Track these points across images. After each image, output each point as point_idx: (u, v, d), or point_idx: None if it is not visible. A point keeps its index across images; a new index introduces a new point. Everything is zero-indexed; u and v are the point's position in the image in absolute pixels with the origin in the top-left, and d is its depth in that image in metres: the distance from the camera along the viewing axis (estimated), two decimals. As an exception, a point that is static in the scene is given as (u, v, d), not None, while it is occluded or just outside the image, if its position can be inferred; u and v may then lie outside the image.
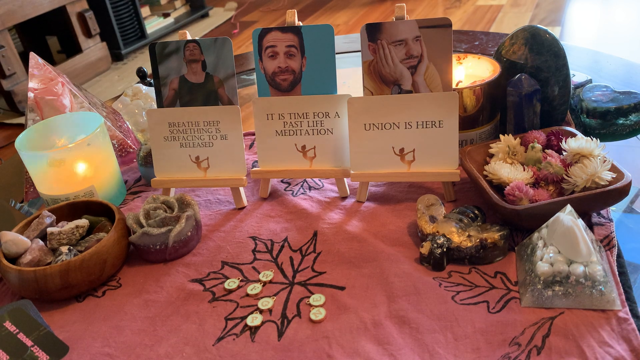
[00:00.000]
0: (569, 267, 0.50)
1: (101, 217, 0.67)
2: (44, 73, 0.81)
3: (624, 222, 0.62)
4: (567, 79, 0.72)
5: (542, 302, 0.51)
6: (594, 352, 0.46)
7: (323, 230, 0.66)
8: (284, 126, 0.70)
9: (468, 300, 0.54)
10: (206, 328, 0.55)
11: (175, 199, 0.66)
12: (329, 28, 0.67)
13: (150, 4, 3.32)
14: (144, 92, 0.93)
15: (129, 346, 0.54)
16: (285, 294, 0.58)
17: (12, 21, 2.41)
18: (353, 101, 0.67)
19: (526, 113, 0.69)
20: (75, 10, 2.72)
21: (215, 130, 0.71)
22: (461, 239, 0.57)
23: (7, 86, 2.40)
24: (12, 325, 0.54)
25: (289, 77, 0.69)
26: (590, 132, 0.75)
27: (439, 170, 0.67)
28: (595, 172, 0.58)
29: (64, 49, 2.89)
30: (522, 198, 0.59)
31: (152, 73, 0.73)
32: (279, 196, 0.74)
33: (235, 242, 0.66)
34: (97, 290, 0.62)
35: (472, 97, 0.71)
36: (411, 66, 0.66)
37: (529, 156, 0.65)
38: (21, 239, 0.61)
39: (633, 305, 0.50)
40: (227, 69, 0.70)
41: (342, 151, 0.70)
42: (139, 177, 0.83)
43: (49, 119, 0.78)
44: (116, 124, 0.85)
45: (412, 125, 0.66)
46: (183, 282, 0.61)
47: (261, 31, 0.69)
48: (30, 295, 0.59)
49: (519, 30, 0.73)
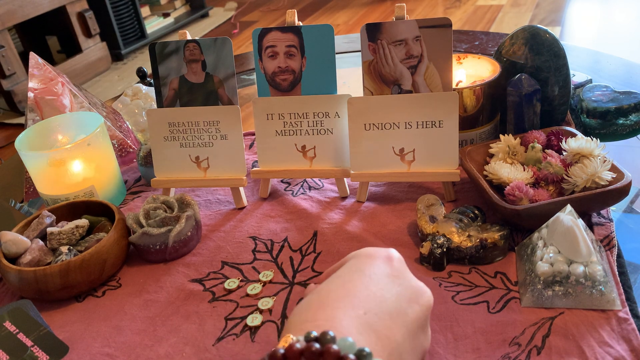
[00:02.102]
0: (569, 267, 0.50)
1: (101, 217, 0.67)
2: (44, 73, 0.81)
3: (624, 222, 0.62)
4: (567, 79, 0.72)
5: (542, 302, 0.51)
6: (594, 352, 0.46)
7: (323, 230, 0.66)
8: (284, 126, 0.70)
9: (468, 300, 0.54)
10: (206, 328, 0.55)
11: (175, 199, 0.66)
12: (329, 28, 0.67)
13: (150, 4, 3.32)
14: (144, 92, 0.93)
15: (129, 346, 0.54)
16: (285, 294, 0.58)
17: (12, 21, 2.41)
18: (353, 101, 0.67)
19: (526, 113, 0.69)
20: (75, 10, 2.72)
21: (215, 130, 0.71)
22: (461, 239, 0.57)
23: (7, 86, 2.40)
24: (12, 325, 0.54)
25: (289, 77, 0.69)
26: (590, 132, 0.75)
27: (439, 170, 0.67)
28: (595, 172, 0.58)
29: (64, 49, 2.89)
30: (522, 198, 0.59)
31: (152, 73, 0.73)
32: (279, 196, 0.74)
33: (235, 242, 0.66)
34: (97, 290, 0.62)
35: (472, 97, 0.71)
36: (411, 66, 0.66)
37: (529, 156, 0.65)
38: (21, 239, 0.61)
39: (633, 305, 0.50)
40: (227, 69, 0.70)
41: (342, 151, 0.70)
42: (139, 177, 0.83)
43: (49, 119, 0.78)
44: (116, 124, 0.85)
45: (412, 125, 0.66)
46: (183, 282, 0.61)
47: (261, 31, 0.69)
48: (30, 295, 0.59)
49: (519, 30, 0.73)
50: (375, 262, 0.41)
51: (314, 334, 0.33)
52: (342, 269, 0.42)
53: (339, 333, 0.34)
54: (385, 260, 0.41)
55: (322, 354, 0.31)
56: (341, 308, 0.37)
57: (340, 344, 0.32)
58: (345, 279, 0.40)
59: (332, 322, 0.35)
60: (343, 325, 0.35)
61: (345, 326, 0.35)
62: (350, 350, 0.32)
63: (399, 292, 0.39)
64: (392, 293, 0.39)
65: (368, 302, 0.37)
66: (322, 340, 0.32)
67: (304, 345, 0.32)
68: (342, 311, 0.36)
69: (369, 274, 0.40)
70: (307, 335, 0.33)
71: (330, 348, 0.31)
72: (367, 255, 0.42)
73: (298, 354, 0.32)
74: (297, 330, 0.35)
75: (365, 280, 0.39)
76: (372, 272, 0.40)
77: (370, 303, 0.37)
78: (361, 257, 0.42)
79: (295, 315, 0.38)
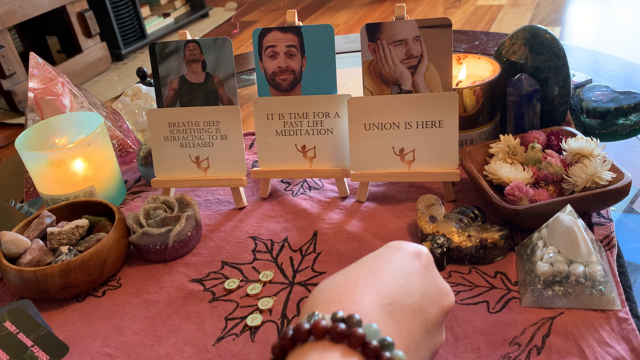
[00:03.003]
0: (569, 267, 0.50)
1: (101, 217, 0.67)
2: (44, 73, 0.81)
3: (624, 222, 0.62)
4: (567, 79, 0.72)
5: (542, 302, 0.51)
6: (594, 352, 0.46)
7: (323, 230, 0.66)
8: (284, 126, 0.70)
9: (468, 300, 0.54)
10: (206, 328, 0.55)
11: (175, 199, 0.66)
12: (329, 28, 0.67)
13: (150, 4, 3.32)
14: (144, 92, 0.93)
15: (129, 346, 0.54)
16: (286, 294, 0.58)
17: (12, 21, 2.41)
18: (353, 101, 0.67)
19: (526, 113, 0.69)
20: (75, 10, 2.72)
21: (215, 130, 0.71)
22: (461, 239, 0.57)
23: (7, 86, 2.40)
24: (12, 325, 0.54)
25: (289, 77, 0.69)
26: (590, 132, 0.75)
27: (439, 170, 0.67)
28: (595, 172, 0.58)
29: (64, 49, 2.89)
30: (522, 198, 0.59)
31: (152, 73, 0.73)
32: (279, 196, 0.74)
33: (235, 242, 0.66)
34: (97, 290, 0.62)
35: (472, 97, 0.71)
36: (411, 66, 0.66)
37: (529, 156, 0.65)
38: (21, 239, 0.61)
39: (633, 305, 0.50)
40: (227, 69, 0.70)
41: (342, 151, 0.70)
42: (139, 177, 0.83)
43: (49, 119, 0.78)
44: (116, 124, 0.85)
45: (412, 125, 0.66)
46: (183, 282, 0.61)
47: (261, 31, 0.69)
48: (30, 295, 0.59)
49: (519, 30, 0.73)
50: (405, 256, 0.41)
51: (341, 314, 0.33)
52: (371, 257, 0.42)
53: (364, 318, 0.34)
54: (415, 256, 0.42)
55: (347, 336, 0.32)
56: (368, 294, 0.37)
57: (366, 330, 0.32)
58: (375, 268, 0.40)
59: (358, 305, 0.35)
60: (368, 311, 0.35)
61: (371, 312, 0.35)
62: (374, 337, 0.32)
63: (425, 289, 0.40)
64: (417, 289, 0.39)
65: (395, 293, 0.38)
66: (349, 322, 0.33)
67: (330, 325, 0.32)
68: (369, 297, 0.37)
69: (398, 267, 0.40)
70: (333, 314, 0.33)
71: (356, 331, 0.32)
72: (398, 248, 0.42)
73: (324, 331, 0.32)
74: (323, 309, 0.36)
75: (394, 272, 0.39)
76: (402, 266, 0.40)
77: (396, 295, 0.38)
78: (392, 248, 0.43)
79: (320, 292, 0.38)
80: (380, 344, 0.32)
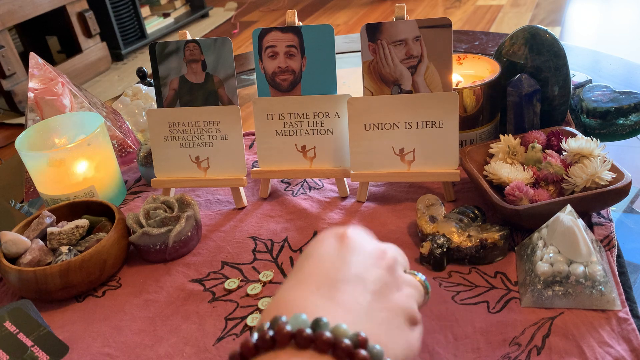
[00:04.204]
0: (569, 267, 0.50)
1: (101, 217, 0.67)
2: (44, 73, 0.81)
3: (624, 222, 0.62)
4: (567, 79, 0.72)
5: (542, 302, 0.51)
6: (594, 352, 0.46)
7: (323, 230, 0.66)
8: (284, 126, 0.70)
9: (468, 300, 0.54)
10: (206, 328, 0.55)
11: (175, 199, 0.66)
12: (329, 28, 0.67)
13: (150, 4, 3.32)
14: (144, 92, 0.93)
15: (129, 346, 0.54)
16: (285, 294, 0.58)
17: (12, 21, 2.41)
18: (353, 101, 0.67)
19: (526, 113, 0.69)
20: (75, 10, 2.73)
21: (215, 130, 0.71)
22: (461, 239, 0.57)
23: (7, 86, 2.40)
24: (12, 325, 0.54)
25: (289, 77, 0.69)
26: (590, 132, 0.75)
27: (439, 170, 0.67)
28: (595, 172, 0.58)
29: (64, 49, 2.89)
30: (522, 198, 0.59)
31: (152, 73, 0.73)
32: (279, 196, 0.74)
33: (235, 242, 0.66)
34: (97, 290, 0.62)
35: (472, 97, 0.71)
36: (411, 66, 0.66)
37: (529, 156, 0.65)
38: (21, 239, 0.61)
39: (633, 305, 0.50)
40: (227, 69, 0.70)
41: (342, 151, 0.70)
42: (139, 177, 0.83)
43: (49, 119, 0.78)
44: (116, 124, 0.85)
45: (412, 125, 0.66)
46: (183, 282, 0.61)
47: (261, 31, 0.69)
48: (30, 295, 0.59)
49: (519, 30, 0.73)
50: (323, 244, 0.41)
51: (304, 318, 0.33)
52: (300, 259, 0.42)
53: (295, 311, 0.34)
54: (337, 239, 0.41)
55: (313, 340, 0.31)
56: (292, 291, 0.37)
57: (334, 331, 0.32)
58: (296, 269, 0.40)
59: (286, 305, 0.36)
60: (297, 305, 0.35)
61: (300, 306, 0.35)
62: (344, 335, 0.32)
63: (355, 261, 0.39)
64: (346, 265, 0.39)
65: (318, 279, 0.37)
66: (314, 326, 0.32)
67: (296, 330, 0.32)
68: (294, 293, 0.37)
69: (317, 255, 0.40)
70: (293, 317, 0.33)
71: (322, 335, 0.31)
72: (316, 240, 0.42)
73: (289, 337, 0.32)
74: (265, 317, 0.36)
75: (313, 262, 0.39)
76: (319, 253, 0.40)
77: (320, 280, 0.37)
78: (310, 243, 0.43)
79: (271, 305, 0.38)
80: (353, 341, 0.32)
